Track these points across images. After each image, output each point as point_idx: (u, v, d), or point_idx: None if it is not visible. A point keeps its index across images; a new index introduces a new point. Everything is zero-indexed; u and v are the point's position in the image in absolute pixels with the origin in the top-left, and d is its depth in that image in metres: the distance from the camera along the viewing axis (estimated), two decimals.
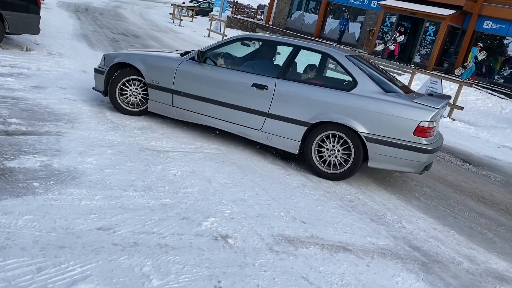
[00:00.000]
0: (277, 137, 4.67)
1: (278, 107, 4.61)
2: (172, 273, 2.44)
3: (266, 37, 5.51)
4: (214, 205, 3.38)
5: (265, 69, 4.94)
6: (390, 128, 4.22)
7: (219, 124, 4.95)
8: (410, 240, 3.48)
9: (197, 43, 16.12)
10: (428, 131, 4.18)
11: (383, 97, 4.31)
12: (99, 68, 5.52)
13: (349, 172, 4.42)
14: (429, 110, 4.17)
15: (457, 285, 2.93)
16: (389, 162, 4.30)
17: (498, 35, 19.78)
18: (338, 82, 4.88)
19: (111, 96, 5.39)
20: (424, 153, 4.20)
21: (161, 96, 5.17)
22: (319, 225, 3.42)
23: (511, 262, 3.46)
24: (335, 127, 4.39)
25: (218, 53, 5.15)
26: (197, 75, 4.98)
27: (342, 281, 2.70)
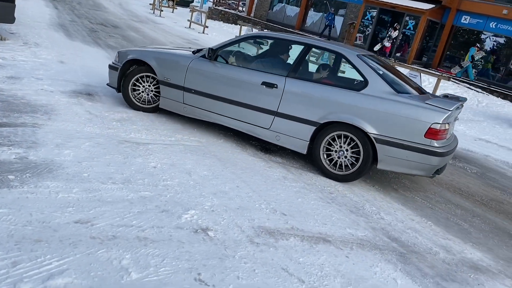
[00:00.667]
0: (285, 136, 4.63)
1: (287, 106, 4.57)
2: (152, 266, 2.42)
3: (277, 35, 5.45)
4: (194, 197, 3.36)
5: (275, 67, 4.91)
6: (400, 130, 4.12)
7: (228, 122, 4.94)
8: (388, 231, 3.54)
9: (178, 34, 15.95)
10: (440, 134, 4.07)
11: (394, 98, 4.21)
12: (113, 65, 5.56)
13: (357, 174, 4.33)
14: (442, 112, 4.06)
15: (434, 275, 2.99)
16: (399, 165, 4.20)
17: (476, 30, 20.14)
18: (349, 82, 4.79)
19: (124, 92, 5.44)
20: (435, 156, 4.08)
21: (172, 93, 5.18)
22: (300, 217, 3.44)
23: (486, 252, 3.55)
24: (344, 127, 4.32)
25: (229, 51, 5.15)
26: (207, 72, 4.98)
27: (322, 272, 2.73)
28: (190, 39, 15.51)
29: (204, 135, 5.00)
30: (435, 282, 2.90)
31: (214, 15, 26.23)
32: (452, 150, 4.44)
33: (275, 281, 2.53)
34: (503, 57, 19.80)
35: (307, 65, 5.01)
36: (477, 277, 3.09)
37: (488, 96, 15.81)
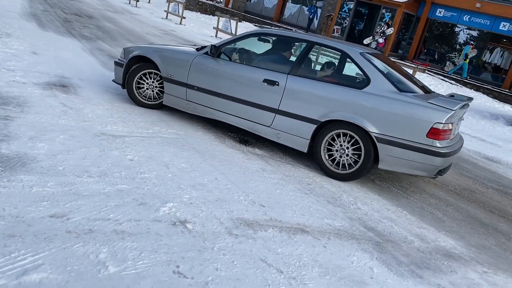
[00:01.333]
0: (286, 134, 4.61)
1: (288, 104, 4.55)
2: (129, 259, 2.40)
3: (280, 32, 5.40)
4: (172, 190, 3.34)
5: (277, 64, 4.88)
6: (402, 129, 4.06)
7: (230, 119, 4.92)
8: (365, 221, 3.60)
9: (155, 25, 15.71)
10: (442, 134, 4.01)
11: (397, 97, 4.16)
12: (119, 61, 5.57)
13: (358, 173, 4.29)
14: (445, 112, 3.99)
15: (409, 263, 3.07)
16: (400, 165, 4.14)
17: (450, 23, 20.52)
18: (351, 80, 4.79)
19: (128, 89, 5.42)
20: (437, 157, 4.01)
21: (175, 90, 5.17)
22: (278, 208, 3.47)
23: (458, 240, 3.65)
24: (346, 126, 4.28)
25: (232, 48, 5.12)
26: (210, 69, 4.96)
27: (300, 262, 2.76)
28: (167, 30, 15.30)
29: (182, 127, 4.97)
30: (410, 270, 2.97)
31: (191, 6, 25.93)
32: (456, 150, 4.38)
33: (254, 272, 2.54)
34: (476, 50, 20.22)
35: (309, 63, 4.97)
36: (450, 265, 3.18)
37: (462, 88, 16.18)
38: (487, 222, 4.19)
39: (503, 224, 4.23)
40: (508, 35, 18.75)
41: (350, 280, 2.69)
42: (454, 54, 20.34)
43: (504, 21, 18.50)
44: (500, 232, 4.02)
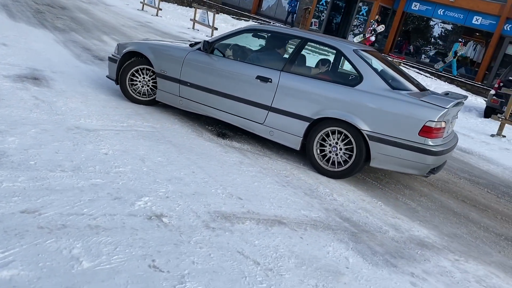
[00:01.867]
0: (279, 132, 4.57)
1: (281, 101, 4.51)
2: (104, 254, 2.37)
3: (274, 28, 5.35)
4: (148, 184, 3.31)
5: (271, 61, 4.82)
6: (394, 127, 4.03)
7: (223, 116, 4.87)
8: (340, 212, 3.64)
9: (130, 17, 15.45)
10: (434, 132, 3.98)
11: (389, 94, 4.13)
12: (112, 57, 5.53)
13: (350, 171, 4.26)
14: (437, 110, 3.96)
15: (383, 253, 3.12)
16: (392, 163, 4.11)
17: (425, 17, 20.84)
18: (344, 77, 4.77)
19: (121, 84, 5.35)
20: (429, 155, 3.98)
21: (168, 86, 5.12)
22: (256, 201, 3.47)
23: (432, 229, 3.74)
24: (338, 123, 4.25)
25: (225, 44, 5.06)
26: (203, 65, 4.92)
27: (277, 253, 2.77)
28: (143, 21, 15.07)
29: (158, 120, 4.91)
30: (384, 260, 3.02)
31: None
32: (450, 149, 4.37)
33: (231, 265, 2.54)
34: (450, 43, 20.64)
35: (303, 60, 4.91)
36: (423, 253, 3.25)
37: (436, 80, 16.49)
38: (459, 212, 4.30)
39: (474, 213, 4.34)
40: (481, 29, 19.18)
41: (326, 270, 2.72)
42: (440, 50, 20.58)
43: (477, 15, 18.91)
44: (471, 221, 4.13)
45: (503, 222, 4.28)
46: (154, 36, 12.27)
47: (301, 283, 2.53)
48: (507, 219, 4.38)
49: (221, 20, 20.80)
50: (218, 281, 2.37)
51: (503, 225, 4.22)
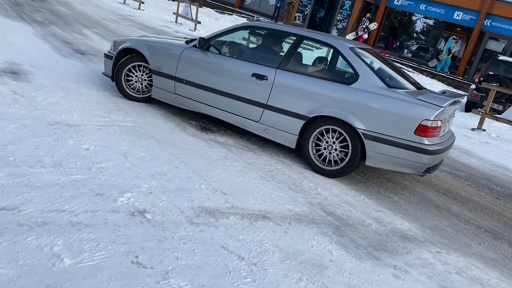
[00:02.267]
0: (274, 130, 4.54)
1: (276, 99, 4.47)
2: (86, 251, 2.34)
3: (270, 26, 5.30)
4: (130, 180, 3.27)
5: (266, 59, 4.78)
6: (390, 126, 4.00)
7: (219, 114, 4.83)
8: (324, 206, 3.66)
9: (112, 10, 15.21)
10: (430, 131, 3.94)
11: (385, 93, 4.09)
12: (108, 53, 5.50)
13: (345, 169, 4.23)
14: (433, 108, 3.92)
15: (367, 246, 3.15)
16: (388, 162, 4.08)
17: (408, 12, 21.03)
18: (340, 75, 4.71)
19: (117, 81, 5.29)
20: (425, 154, 3.95)
21: (164, 83, 5.08)
22: (240, 196, 3.47)
23: (414, 222, 3.79)
24: (333, 122, 4.21)
25: (221, 41, 5.01)
26: (198, 63, 4.87)
27: (261, 248, 2.78)
28: (125, 15, 14.86)
29: (141, 115, 4.85)
30: (367, 253, 3.05)
31: None
32: (446, 148, 4.33)
33: (215, 260, 2.54)
34: (432, 38, 20.89)
35: (299, 57, 4.86)
36: (405, 246, 3.30)
37: (418, 75, 16.69)
38: (441, 205, 4.37)
39: (455, 206, 4.42)
40: (462, 24, 19.45)
41: (310, 264, 2.73)
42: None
43: (458, 10, 19.16)
44: (453, 214, 4.20)
45: (483, 215, 4.37)
46: (137, 30, 12.12)
47: (285, 277, 2.54)
48: (487, 212, 4.47)
49: (205, 14, 20.64)
50: (202, 276, 2.36)
51: (483, 217, 4.30)
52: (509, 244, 3.79)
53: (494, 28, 18.47)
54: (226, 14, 22.07)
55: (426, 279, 2.88)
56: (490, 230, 4.01)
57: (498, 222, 4.25)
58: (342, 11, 21.58)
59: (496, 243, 3.76)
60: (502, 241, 3.83)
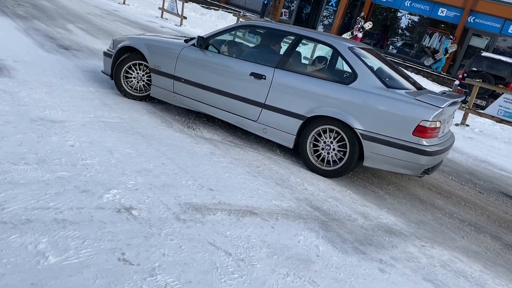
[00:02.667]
0: (272, 129, 4.52)
1: (274, 98, 4.45)
2: (71, 248, 2.31)
3: (268, 25, 5.24)
4: (116, 176, 3.24)
5: (265, 58, 4.76)
6: (388, 126, 3.97)
7: (217, 113, 4.81)
8: (311, 201, 3.68)
9: (96, 4, 15.00)
10: (429, 131, 3.91)
11: (383, 93, 4.06)
12: (108, 52, 5.49)
13: (343, 169, 4.20)
14: (432, 109, 3.89)
15: (353, 240, 3.18)
16: (386, 162, 4.05)
17: (393, 8, 21.17)
18: (338, 75, 4.66)
19: (116, 80, 5.27)
20: (423, 155, 3.92)
21: (163, 82, 5.07)
22: (227, 192, 3.47)
23: (399, 217, 3.83)
24: (331, 121, 4.19)
25: (220, 40, 4.98)
26: (197, 62, 4.86)
27: (248, 244, 2.78)
28: (110, 10, 14.67)
29: (126, 111, 4.81)
30: (353, 247, 3.08)
31: None
32: (445, 149, 4.30)
33: (202, 256, 2.54)
34: (417, 35, 21.09)
35: (297, 57, 4.85)
36: (391, 240, 3.34)
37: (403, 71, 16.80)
38: (425, 199, 4.43)
39: (439, 201, 4.48)
40: (446, 21, 19.66)
41: (297, 259, 2.75)
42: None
43: (442, 7, 19.37)
44: (437, 208, 4.26)
45: (467, 208, 4.44)
46: (122, 25, 11.99)
47: (272, 272, 2.55)
48: (470, 206, 4.54)
49: (190, 9, 20.50)
50: (190, 272, 2.36)
51: (466, 211, 4.37)
52: (491, 237, 3.86)
53: (478, 25, 18.73)
54: (212, 9, 21.95)
55: (411, 273, 2.92)
56: (474, 224, 4.08)
57: (481, 216, 4.33)
58: (328, 7, 21.63)
59: (479, 236, 3.83)
60: (485, 234, 3.90)
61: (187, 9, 17.26)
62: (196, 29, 15.85)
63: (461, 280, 2.98)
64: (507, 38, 18.33)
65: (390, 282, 2.74)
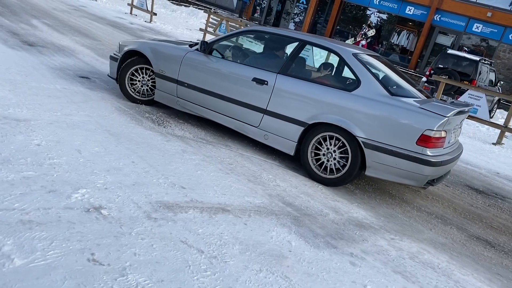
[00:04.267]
0: (273, 136, 4.47)
1: (276, 104, 4.40)
2: (38, 250, 2.25)
3: (272, 30, 5.19)
4: (85, 175, 3.17)
5: (268, 63, 4.69)
6: (391, 135, 3.87)
7: (219, 118, 4.79)
8: (283, 197, 3.71)
9: (71, 4, 14.60)
10: (433, 141, 3.79)
11: (386, 100, 3.97)
12: (114, 55, 5.51)
13: (344, 178, 4.11)
14: (437, 118, 3.77)
15: (324, 235, 3.22)
16: (388, 172, 3.94)
17: (362, 6, 21.50)
18: (341, 81, 4.58)
19: (120, 83, 5.34)
20: (427, 166, 3.79)
21: (166, 86, 5.06)
22: (199, 189, 3.45)
23: (369, 211, 3.91)
24: (333, 129, 4.11)
25: (223, 45, 4.95)
26: (200, 66, 4.83)
27: (221, 241, 2.78)
28: (77, 5, 14.31)
29: (95, 109, 4.70)
30: (325, 241, 3.12)
31: None
32: (452, 159, 4.15)
33: (174, 254, 2.51)
34: (385, 32, 21.49)
35: (301, 62, 4.81)
36: (361, 234, 3.40)
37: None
38: (394, 193, 4.53)
39: (408, 194, 4.60)
40: (413, 19, 20.12)
41: (269, 254, 2.76)
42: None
43: (410, 5, 19.80)
44: (405, 202, 4.36)
45: (434, 202, 4.57)
46: (89, 21, 11.71)
47: (245, 268, 2.55)
48: (437, 199, 4.68)
49: (161, 5, 20.24)
50: (161, 271, 2.33)
51: (433, 204, 4.50)
52: (457, 229, 3.99)
53: (443, 23, 19.25)
54: (183, 5, 21.72)
55: (381, 265, 2.98)
56: (440, 216, 4.20)
57: (447, 209, 4.46)
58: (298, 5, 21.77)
59: (446, 228, 3.95)
60: (451, 226, 4.02)
61: (157, 5, 17.03)
62: (166, 25, 15.66)
63: (429, 271, 3.06)
64: (471, 36, 18.92)
65: (361, 275, 2.79)
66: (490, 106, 11.74)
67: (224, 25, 14.53)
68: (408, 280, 2.87)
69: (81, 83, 5.54)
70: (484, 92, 9.66)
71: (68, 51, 7.34)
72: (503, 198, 5.30)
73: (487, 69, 13.48)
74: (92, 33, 9.92)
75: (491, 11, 17.92)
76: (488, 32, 18.42)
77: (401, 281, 2.84)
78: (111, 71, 5.56)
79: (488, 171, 6.47)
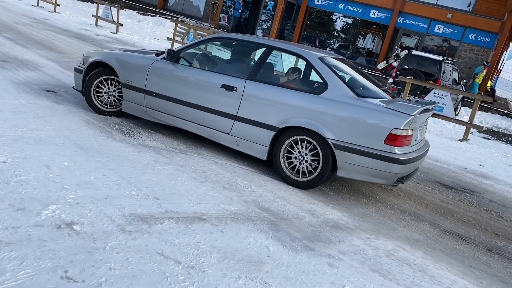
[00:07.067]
0: (245, 141, 4.45)
1: (246, 110, 4.39)
2: (8, 271, 2.17)
3: (239, 37, 5.15)
4: (55, 191, 3.08)
5: (236, 70, 4.67)
6: (359, 136, 3.94)
7: (189, 126, 4.73)
8: (259, 202, 3.70)
9: (24, 13, 14.24)
10: (401, 140, 3.88)
11: (353, 102, 4.04)
12: (78, 67, 5.37)
13: (317, 180, 4.15)
14: (402, 117, 3.87)
15: (301, 238, 3.23)
16: (359, 172, 4.01)
17: (327, 11, 21.88)
18: (309, 85, 4.64)
19: (86, 95, 5.22)
20: (396, 164, 3.88)
21: (134, 96, 5.00)
22: (173, 199, 3.40)
23: (344, 211, 3.95)
24: (303, 132, 4.15)
25: (190, 53, 4.87)
26: (168, 75, 4.75)
27: (198, 250, 2.75)
28: (39, 18, 13.98)
29: (62, 123, 4.59)
30: (303, 244, 3.14)
31: None
32: (419, 157, 4.27)
33: (151, 267, 2.47)
34: (351, 36, 21.92)
35: (269, 68, 4.81)
36: (338, 235, 3.43)
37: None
38: (367, 193, 4.60)
39: (380, 193, 4.68)
40: (378, 22, 20.62)
41: (247, 261, 2.75)
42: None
43: (374, 9, 20.30)
44: (379, 201, 4.44)
45: (406, 199, 4.67)
46: (53, 33, 11.45)
47: (224, 276, 2.53)
48: (409, 196, 4.78)
49: (126, 15, 20.03)
50: (138, 285, 2.29)
51: (406, 201, 4.59)
52: (430, 225, 4.08)
53: (406, 25, 19.80)
54: (149, 15, 21.55)
55: (358, 265, 3.01)
56: (413, 213, 4.29)
57: (419, 206, 4.56)
58: (266, 12, 21.96)
59: (419, 224, 4.04)
60: (424, 222, 4.12)
61: (123, 16, 16.84)
62: (133, 36, 15.50)
63: (405, 268, 3.12)
64: (433, 37, 19.54)
65: (339, 276, 2.81)
66: (455, 104, 12.11)
67: (192, 33, 14.49)
68: (385, 278, 2.92)
69: (47, 97, 5.40)
70: (448, 91, 9.97)
71: (32, 65, 7.15)
72: (471, 193, 5.47)
73: (450, 69, 13.93)
74: (57, 46, 9.71)
75: (451, 13, 18.58)
76: (449, 32, 19.08)
77: (379, 279, 2.88)
78: (76, 83, 5.43)
79: (456, 167, 6.67)
